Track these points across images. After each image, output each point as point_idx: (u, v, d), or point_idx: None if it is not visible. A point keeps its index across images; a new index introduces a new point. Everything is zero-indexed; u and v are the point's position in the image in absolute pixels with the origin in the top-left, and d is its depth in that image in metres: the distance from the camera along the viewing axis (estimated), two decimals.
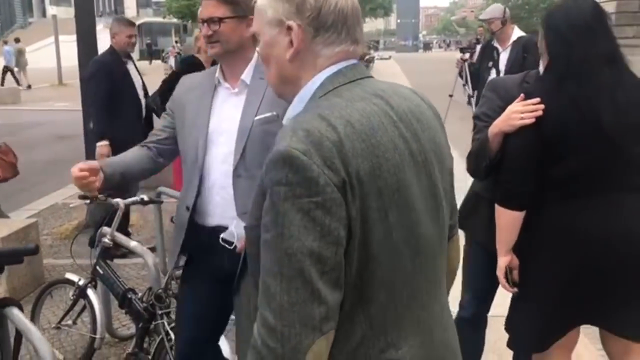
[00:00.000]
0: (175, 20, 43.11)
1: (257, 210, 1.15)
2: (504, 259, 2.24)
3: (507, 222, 2.18)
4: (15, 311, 2.18)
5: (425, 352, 1.22)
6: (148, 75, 6.54)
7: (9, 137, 12.23)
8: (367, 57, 14.94)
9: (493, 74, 5.40)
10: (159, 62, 38.81)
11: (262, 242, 1.09)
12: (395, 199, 1.12)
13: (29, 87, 23.28)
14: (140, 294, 3.05)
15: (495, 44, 5.58)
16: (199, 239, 2.23)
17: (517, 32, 5.51)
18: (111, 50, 4.94)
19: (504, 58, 5.41)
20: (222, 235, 2.16)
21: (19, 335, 2.21)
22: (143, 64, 27.65)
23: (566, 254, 2.12)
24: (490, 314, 2.83)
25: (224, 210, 2.16)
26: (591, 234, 2.07)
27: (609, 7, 29.43)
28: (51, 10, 71.80)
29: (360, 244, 1.09)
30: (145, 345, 2.89)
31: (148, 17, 69.89)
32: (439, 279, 1.30)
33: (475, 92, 5.70)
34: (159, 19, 63.06)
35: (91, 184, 2.10)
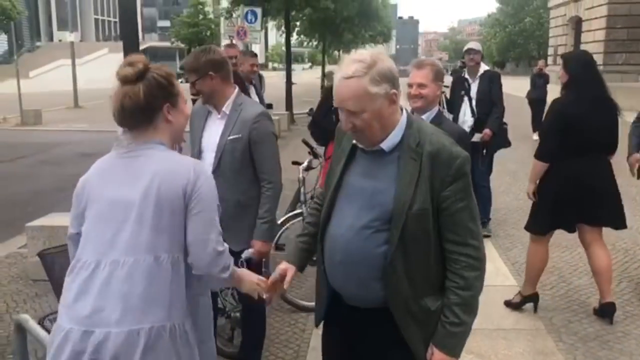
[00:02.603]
0: (181, 45, 44.31)
1: (424, 196, 1.87)
2: (531, 186, 4.24)
3: (540, 168, 4.15)
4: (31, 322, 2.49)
5: None
6: None
7: (39, 155, 13.27)
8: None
9: (466, 101, 6.38)
10: None
11: (459, 206, 1.89)
12: None
13: None
14: None
15: (466, 76, 6.51)
16: None
17: (483, 67, 6.54)
18: (235, 75, 5.85)
19: (474, 88, 6.39)
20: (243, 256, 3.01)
21: None
22: None
23: (566, 183, 4.04)
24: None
25: None
26: (581, 174, 4.03)
27: (599, 35, 30.55)
28: (58, 35, 73.25)
29: None
30: None
31: (153, 41, 71.39)
32: None
33: (451, 115, 6.54)
34: (164, 44, 64.47)
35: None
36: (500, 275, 5.13)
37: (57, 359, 1.85)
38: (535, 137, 13.09)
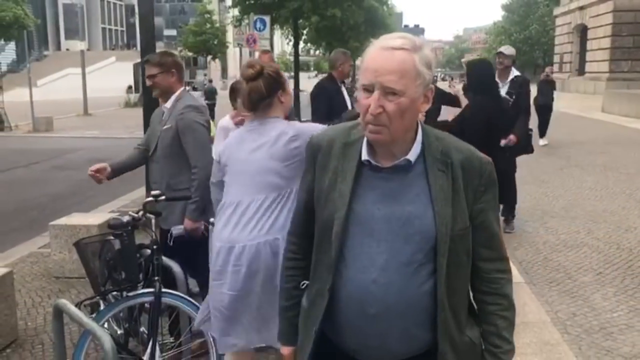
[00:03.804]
0: (189, 53, 44.72)
1: (462, 212, 1.58)
2: None
3: None
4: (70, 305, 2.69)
5: None
6: None
7: (52, 161, 13.51)
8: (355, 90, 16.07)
9: None
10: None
11: (492, 218, 1.64)
12: None
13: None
14: None
15: (497, 79, 6.60)
16: None
17: (514, 72, 6.62)
18: (330, 77, 6.06)
19: (503, 91, 6.47)
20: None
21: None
22: None
23: None
24: None
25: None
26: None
27: (604, 43, 30.69)
28: (66, 44, 73.96)
29: None
30: None
31: (159, 50, 71.86)
32: None
33: None
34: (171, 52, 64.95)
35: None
36: None
37: (215, 268, 2.63)
38: (542, 142, 13.24)
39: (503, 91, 6.40)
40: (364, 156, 1.60)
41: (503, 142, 6.18)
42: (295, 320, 1.81)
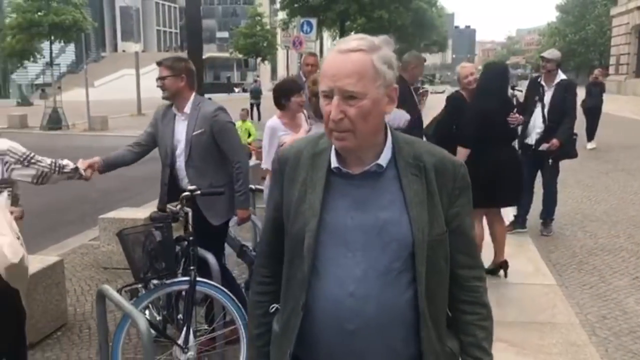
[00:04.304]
0: (239, 55, 45.51)
1: (438, 216, 1.52)
2: None
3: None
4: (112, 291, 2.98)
5: None
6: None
7: None
8: (420, 91, 15.92)
9: (539, 107, 6.44)
10: (232, 94, 40.80)
11: (468, 223, 1.58)
12: None
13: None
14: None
15: (542, 82, 6.59)
16: None
17: (560, 75, 6.54)
18: (400, 78, 6.25)
19: (548, 95, 6.45)
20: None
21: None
22: (220, 97, 29.60)
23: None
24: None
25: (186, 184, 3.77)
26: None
27: (631, 48, 29.33)
28: (122, 45, 76.37)
29: None
30: None
31: (212, 52, 73.33)
32: None
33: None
34: (222, 54, 66.23)
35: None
36: (540, 275, 5.29)
37: None
38: (590, 146, 12.99)
39: (548, 95, 6.38)
40: (333, 163, 1.53)
41: (545, 147, 6.15)
42: (265, 349, 1.69)
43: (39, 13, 22.17)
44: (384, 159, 1.52)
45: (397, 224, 1.48)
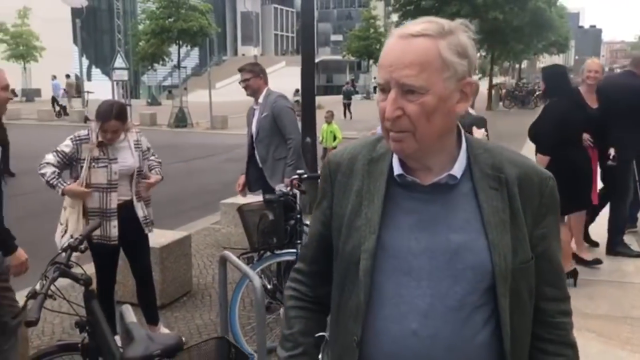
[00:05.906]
0: (351, 58, 46.19)
1: (522, 239, 1.26)
2: None
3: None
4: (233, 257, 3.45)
5: None
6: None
7: (226, 154, 15.21)
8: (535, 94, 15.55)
9: None
10: (334, 96, 41.69)
11: (556, 248, 1.32)
12: None
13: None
14: None
15: None
16: None
17: None
18: (631, 73, 5.98)
19: None
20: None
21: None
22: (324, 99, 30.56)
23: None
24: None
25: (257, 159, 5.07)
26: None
27: None
28: (242, 49, 79.91)
29: None
30: None
31: (325, 55, 74.88)
32: None
33: None
34: (335, 57, 67.40)
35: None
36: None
37: None
38: None
39: None
40: (397, 170, 1.28)
41: None
42: None
43: (170, 19, 23.94)
44: (458, 169, 1.27)
45: (473, 249, 1.23)
